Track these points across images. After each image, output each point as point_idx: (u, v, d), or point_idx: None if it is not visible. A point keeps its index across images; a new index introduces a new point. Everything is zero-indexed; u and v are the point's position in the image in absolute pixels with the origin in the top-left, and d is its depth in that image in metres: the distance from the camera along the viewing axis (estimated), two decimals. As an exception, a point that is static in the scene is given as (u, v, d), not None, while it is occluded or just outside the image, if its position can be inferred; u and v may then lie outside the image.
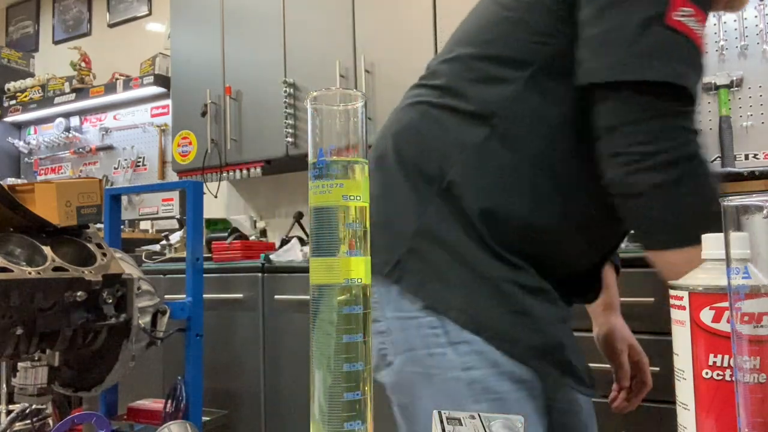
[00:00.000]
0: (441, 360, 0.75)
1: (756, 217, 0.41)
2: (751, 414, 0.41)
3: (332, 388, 0.47)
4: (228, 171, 2.90)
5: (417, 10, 2.39)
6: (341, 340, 0.47)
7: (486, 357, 0.74)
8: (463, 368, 0.74)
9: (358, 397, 0.46)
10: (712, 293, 0.49)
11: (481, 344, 0.74)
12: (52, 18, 4.30)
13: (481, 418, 0.54)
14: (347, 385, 0.46)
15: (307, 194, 0.51)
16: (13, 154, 4.25)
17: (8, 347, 1.34)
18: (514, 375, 0.75)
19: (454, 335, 0.75)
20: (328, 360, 0.47)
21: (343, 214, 0.48)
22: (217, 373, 2.32)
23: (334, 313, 0.47)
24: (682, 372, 0.51)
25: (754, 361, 0.41)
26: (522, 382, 0.75)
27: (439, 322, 0.76)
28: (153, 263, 2.59)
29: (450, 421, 0.54)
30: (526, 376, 0.75)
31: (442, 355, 0.75)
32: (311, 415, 0.47)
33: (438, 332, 0.76)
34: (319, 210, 0.48)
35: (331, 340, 0.47)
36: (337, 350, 0.47)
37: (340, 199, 0.48)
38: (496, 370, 0.74)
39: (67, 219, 1.53)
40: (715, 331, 0.48)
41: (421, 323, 0.77)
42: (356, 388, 0.47)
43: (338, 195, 0.48)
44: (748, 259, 0.41)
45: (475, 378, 0.74)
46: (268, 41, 2.78)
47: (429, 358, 0.76)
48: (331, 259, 0.48)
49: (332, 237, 0.48)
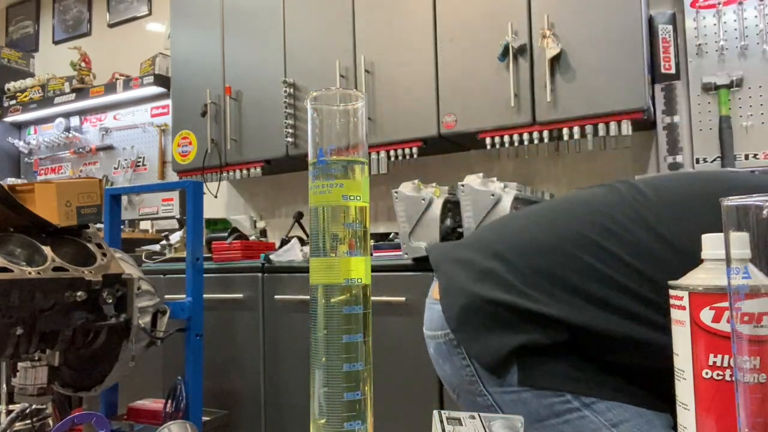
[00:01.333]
0: (581, 423, 0.76)
1: (756, 217, 0.41)
2: (751, 414, 0.41)
3: (332, 388, 0.47)
4: (228, 171, 2.90)
5: (417, 10, 2.39)
6: (341, 340, 0.47)
7: (627, 409, 0.75)
8: (611, 424, 0.75)
9: (358, 397, 0.46)
10: (712, 293, 0.49)
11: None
12: (52, 18, 4.30)
13: (481, 418, 0.54)
14: (347, 385, 0.46)
15: (307, 194, 0.51)
16: (13, 154, 4.25)
17: (8, 347, 1.34)
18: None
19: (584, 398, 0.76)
20: (328, 360, 0.47)
21: (343, 214, 0.48)
22: (217, 373, 2.32)
23: (334, 313, 0.47)
24: (682, 372, 0.51)
25: (754, 361, 0.41)
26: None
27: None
28: (153, 263, 2.59)
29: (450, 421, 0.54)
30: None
31: (580, 418, 0.76)
32: (311, 415, 0.47)
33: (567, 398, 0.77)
34: (319, 210, 0.48)
35: (331, 340, 0.47)
36: (337, 350, 0.47)
37: (340, 199, 0.48)
38: (643, 419, 0.75)
39: (67, 219, 1.53)
40: (715, 331, 0.48)
41: (539, 393, 0.78)
42: (356, 388, 0.47)
43: (338, 195, 0.48)
44: (748, 259, 0.41)
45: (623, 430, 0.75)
46: (268, 41, 2.78)
47: (565, 425, 0.77)
48: (331, 259, 0.48)
49: (332, 237, 0.48)
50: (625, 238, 0.76)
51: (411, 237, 1.92)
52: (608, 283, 0.75)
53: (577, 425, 0.75)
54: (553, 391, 0.77)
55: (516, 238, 0.86)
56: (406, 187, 1.97)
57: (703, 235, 0.52)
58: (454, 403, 0.90)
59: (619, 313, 0.74)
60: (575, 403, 0.76)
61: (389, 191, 2.07)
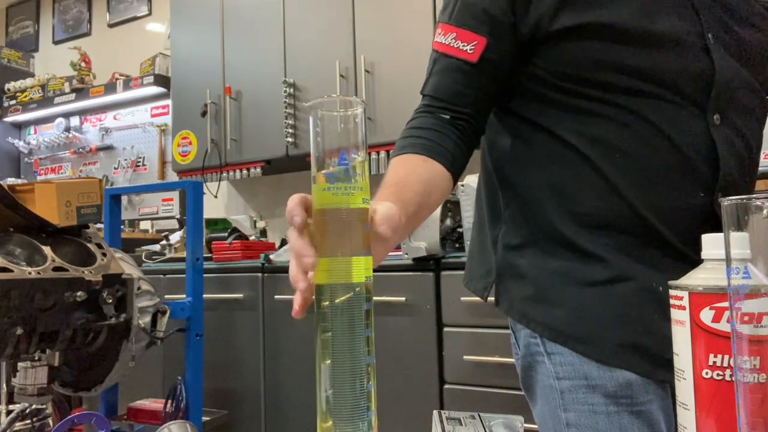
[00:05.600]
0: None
1: (756, 217, 0.41)
2: (751, 414, 0.41)
3: (338, 382, 0.47)
4: (228, 171, 2.90)
5: (417, 10, 2.39)
6: (351, 334, 0.47)
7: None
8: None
9: (363, 390, 0.47)
10: (712, 293, 0.49)
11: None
12: (52, 18, 4.30)
13: (481, 418, 0.54)
14: (353, 378, 0.47)
15: (308, 194, 0.52)
16: (13, 154, 4.25)
17: (8, 347, 1.34)
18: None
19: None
20: (334, 355, 0.47)
21: (362, 216, 0.50)
22: (217, 373, 2.32)
23: (354, 310, 0.48)
24: (682, 372, 0.51)
25: (754, 361, 0.41)
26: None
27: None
28: (153, 263, 2.59)
29: (450, 421, 0.54)
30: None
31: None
32: (318, 408, 0.48)
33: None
34: (342, 211, 0.49)
35: (337, 336, 0.47)
36: (346, 345, 0.47)
37: (360, 202, 0.50)
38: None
39: (67, 219, 1.53)
40: (715, 331, 0.48)
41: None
42: (362, 381, 0.47)
43: (359, 198, 0.50)
44: (748, 259, 0.41)
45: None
46: (268, 41, 2.78)
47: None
48: (339, 259, 0.49)
49: (351, 238, 0.49)
50: None
51: (411, 237, 1.92)
52: None
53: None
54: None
55: None
56: (406, 187, 1.96)
57: (704, 235, 0.52)
58: (454, 403, 0.90)
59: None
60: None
61: (389, 191, 2.07)
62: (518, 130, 0.83)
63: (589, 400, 0.75)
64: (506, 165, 0.85)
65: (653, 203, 0.75)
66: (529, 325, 0.80)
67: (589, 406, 0.74)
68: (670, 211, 0.75)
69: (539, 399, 0.81)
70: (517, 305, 0.82)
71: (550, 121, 0.79)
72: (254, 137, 2.81)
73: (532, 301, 0.80)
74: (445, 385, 1.89)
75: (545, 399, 0.79)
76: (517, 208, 0.83)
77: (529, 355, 0.81)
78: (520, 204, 0.83)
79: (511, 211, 0.84)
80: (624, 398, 0.74)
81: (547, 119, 0.79)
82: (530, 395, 0.84)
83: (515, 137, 0.84)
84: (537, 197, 0.81)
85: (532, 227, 0.81)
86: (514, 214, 0.84)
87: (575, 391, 0.76)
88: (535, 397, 0.83)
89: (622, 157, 0.75)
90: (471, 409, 0.97)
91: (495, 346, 1.80)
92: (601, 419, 0.73)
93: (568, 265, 0.78)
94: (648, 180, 0.75)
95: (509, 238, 0.84)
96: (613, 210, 0.75)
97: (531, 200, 0.81)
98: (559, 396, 0.77)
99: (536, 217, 0.81)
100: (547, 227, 0.79)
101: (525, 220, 0.82)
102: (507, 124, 0.85)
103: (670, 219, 0.75)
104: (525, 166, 0.82)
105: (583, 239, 0.77)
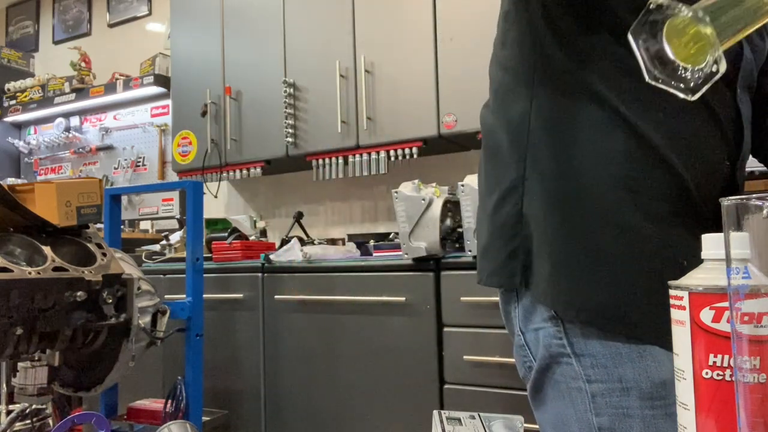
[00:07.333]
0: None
1: (756, 217, 0.41)
2: (751, 414, 0.41)
3: None
4: (228, 171, 2.90)
5: (417, 9, 2.39)
6: None
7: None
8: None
9: None
10: (712, 293, 0.49)
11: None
12: (52, 18, 4.30)
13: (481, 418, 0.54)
14: None
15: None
16: (13, 154, 4.25)
17: (8, 347, 1.34)
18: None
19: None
20: None
21: None
22: (217, 373, 2.32)
23: None
24: (682, 372, 0.51)
25: (754, 361, 0.41)
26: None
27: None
28: (153, 263, 2.59)
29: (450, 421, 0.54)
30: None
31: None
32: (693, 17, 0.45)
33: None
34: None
35: None
36: None
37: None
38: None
39: (67, 219, 1.53)
40: (715, 331, 0.48)
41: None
42: None
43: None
44: (748, 259, 0.41)
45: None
46: (268, 41, 2.78)
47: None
48: None
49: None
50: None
51: (411, 237, 1.92)
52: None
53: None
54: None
55: None
56: (406, 187, 1.97)
57: (703, 235, 0.52)
58: (454, 403, 0.89)
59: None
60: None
61: (389, 191, 2.08)
62: (567, 86, 0.78)
63: (623, 404, 0.72)
64: (544, 128, 0.78)
65: (692, 166, 0.73)
66: (559, 307, 0.75)
67: (623, 410, 0.72)
68: (703, 175, 0.74)
69: (558, 402, 0.77)
70: (548, 289, 0.76)
71: (592, 76, 0.75)
72: (254, 137, 2.81)
73: (564, 280, 0.75)
74: (445, 385, 1.89)
75: (569, 402, 0.76)
76: (549, 171, 0.77)
77: (549, 356, 0.77)
78: (552, 167, 0.77)
79: (540, 173, 0.78)
80: (659, 399, 0.71)
81: (590, 74, 0.75)
82: (540, 397, 0.80)
83: (563, 95, 0.78)
84: (578, 159, 0.75)
85: (568, 194, 0.76)
86: (544, 176, 0.77)
87: (609, 395, 0.73)
88: (546, 399, 0.79)
89: (666, 116, 0.73)
90: (471, 409, 0.97)
91: (495, 346, 1.80)
92: (636, 423, 0.71)
93: (607, 240, 0.73)
94: (687, 142, 0.74)
95: (534, 209, 0.78)
96: (654, 175, 0.73)
97: (568, 165, 0.76)
98: (590, 399, 0.74)
99: (570, 182, 0.75)
100: (584, 194, 0.74)
101: (557, 187, 0.76)
102: (554, 78, 0.79)
103: (704, 183, 0.74)
104: (565, 130, 0.77)
105: (625, 208, 0.73)
